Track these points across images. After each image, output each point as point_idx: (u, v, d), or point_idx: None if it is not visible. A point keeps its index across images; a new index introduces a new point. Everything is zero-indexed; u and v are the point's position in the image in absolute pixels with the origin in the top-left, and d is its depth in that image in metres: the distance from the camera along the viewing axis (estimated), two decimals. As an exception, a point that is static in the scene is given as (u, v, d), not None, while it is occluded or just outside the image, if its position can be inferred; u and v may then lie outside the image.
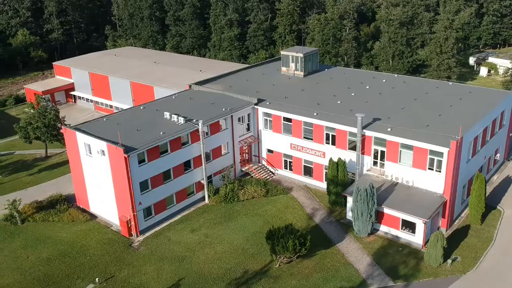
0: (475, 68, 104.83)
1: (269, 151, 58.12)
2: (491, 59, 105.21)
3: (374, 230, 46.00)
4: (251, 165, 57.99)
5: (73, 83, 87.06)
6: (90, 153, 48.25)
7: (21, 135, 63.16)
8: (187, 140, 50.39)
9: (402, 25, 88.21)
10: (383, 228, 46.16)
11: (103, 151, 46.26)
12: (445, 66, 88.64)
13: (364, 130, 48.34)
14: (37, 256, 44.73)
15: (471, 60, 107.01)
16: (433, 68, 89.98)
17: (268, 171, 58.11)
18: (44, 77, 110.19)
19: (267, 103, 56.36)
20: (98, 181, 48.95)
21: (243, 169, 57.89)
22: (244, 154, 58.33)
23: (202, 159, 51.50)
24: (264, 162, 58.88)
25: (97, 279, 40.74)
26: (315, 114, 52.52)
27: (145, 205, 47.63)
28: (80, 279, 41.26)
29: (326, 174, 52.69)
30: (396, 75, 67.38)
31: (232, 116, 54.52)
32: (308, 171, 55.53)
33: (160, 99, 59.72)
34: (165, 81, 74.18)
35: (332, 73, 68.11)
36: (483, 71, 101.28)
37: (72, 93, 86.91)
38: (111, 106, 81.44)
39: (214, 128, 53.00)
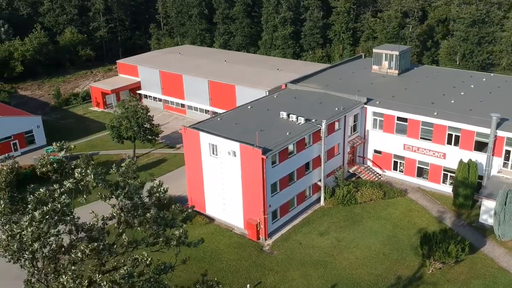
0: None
1: (377, 151, 56.52)
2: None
3: (514, 234, 44.57)
4: (359, 166, 56.41)
5: (139, 82, 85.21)
6: (215, 153, 46.52)
7: (113, 135, 61.30)
8: (309, 141, 48.83)
9: (474, 23, 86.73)
10: (522, 232, 44.68)
11: (234, 152, 44.53)
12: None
13: (496, 131, 46.89)
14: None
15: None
16: (502, 67, 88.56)
17: (376, 173, 56.53)
18: (93, 75, 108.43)
19: (377, 102, 54.79)
20: (222, 183, 47.22)
21: (350, 170, 56.29)
22: (349, 155, 56.77)
23: (322, 160, 49.95)
24: (369, 163, 57.29)
25: (248, 285, 39.11)
26: (435, 113, 50.96)
27: (273, 208, 46.06)
28: (227, 286, 39.59)
29: (450, 176, 51.38)
30: (492, 74, 65.91)
31: (345, 116, 52.96)
32: (421, 173, 53.96)
33: (262, 98, 58.06)
34: (245, 80, 72.38)
35: (425, 71, 66.53)
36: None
37: (139, 91, 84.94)
38: (182, 105, 79.66)
39: (330, 128, 51.38)
